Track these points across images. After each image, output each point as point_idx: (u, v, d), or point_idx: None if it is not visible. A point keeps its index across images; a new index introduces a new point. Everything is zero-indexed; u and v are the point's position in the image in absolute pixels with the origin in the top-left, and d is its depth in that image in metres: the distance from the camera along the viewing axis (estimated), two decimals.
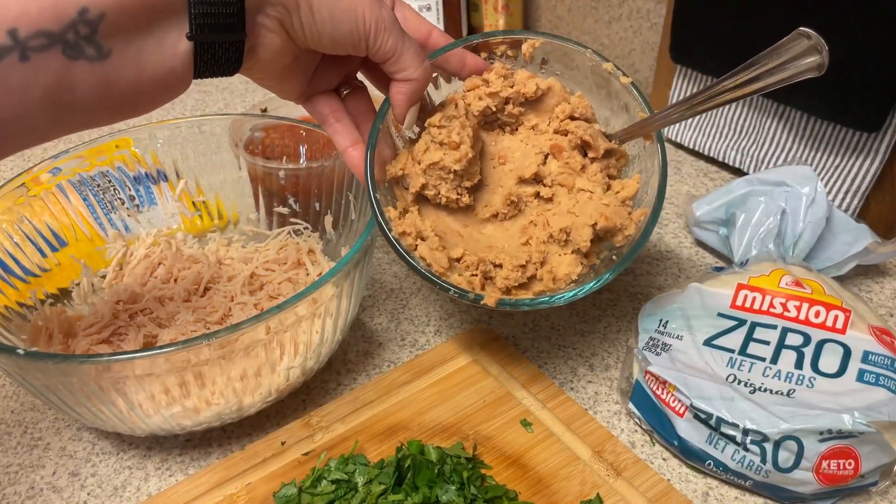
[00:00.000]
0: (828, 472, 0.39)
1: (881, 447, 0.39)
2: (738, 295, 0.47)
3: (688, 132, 0.71)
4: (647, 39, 0.81)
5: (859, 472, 0.39)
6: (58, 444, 0.46)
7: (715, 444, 0.41)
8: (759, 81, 0.37)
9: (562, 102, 0.44)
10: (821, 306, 0.45)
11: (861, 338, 0.44)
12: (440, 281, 0.40)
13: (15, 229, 0.49)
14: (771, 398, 0.41)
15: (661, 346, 0.45)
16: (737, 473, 0.41)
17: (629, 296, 0.56)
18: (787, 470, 0.39)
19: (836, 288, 0.47)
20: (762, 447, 0.39)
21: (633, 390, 0.45)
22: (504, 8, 0.89)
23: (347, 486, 0.39)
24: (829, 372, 0.42)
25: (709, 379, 0.42)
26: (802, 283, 0.47)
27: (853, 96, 0.55)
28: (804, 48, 0.35)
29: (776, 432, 0.39)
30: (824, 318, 0.45)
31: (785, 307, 0.46)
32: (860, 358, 0.42)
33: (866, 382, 0.41)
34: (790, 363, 0.43)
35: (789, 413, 0.39)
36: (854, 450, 0.39)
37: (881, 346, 0.43)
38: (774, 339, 0.44)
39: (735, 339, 0.45)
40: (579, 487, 0.41)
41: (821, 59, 0.35)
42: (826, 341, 0.44)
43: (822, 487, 0.39)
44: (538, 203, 0.44)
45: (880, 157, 0.56)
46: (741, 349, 0.44)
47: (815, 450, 0.39)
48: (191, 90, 0.90)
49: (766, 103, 0.64)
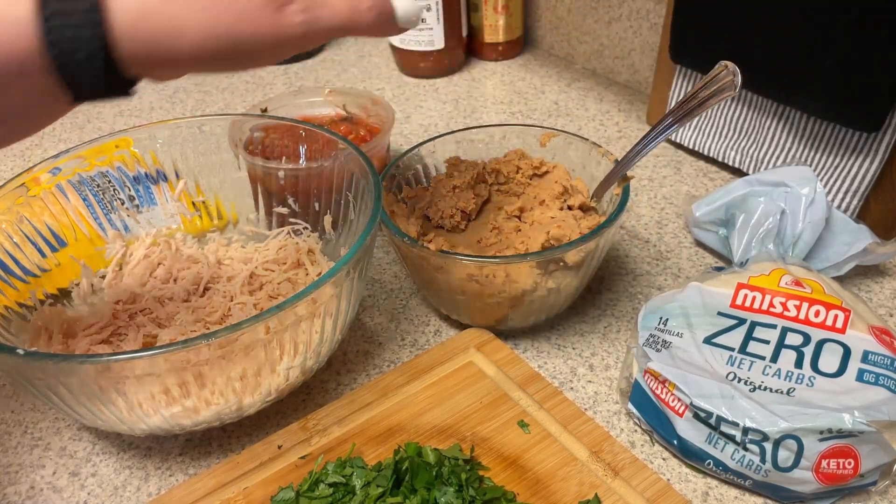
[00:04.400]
0: (827, 471, 0.39)
1: (881, 446, 0.39)
2: (737, 294, 0.47)
3: (687, 132, 0.71)
4: (647, 40, 0.81)
5: (859, 472, 0.39)
6: (58, 443, 0.47)
7: (714, 444, 0.41)
8: (694, 110, 0.45)
9: (563, 178, 0.56)
10: (821, 306, 0.45)
11: (861, 337, 0.44)
12: (392, 224, 0.49)
13: (15, 229, 0.49)
14: (771, 396, 0.41)
15: (661, 343, 0.45)
16: (736, 473, 0.41)
17: (629, 296, 0.56)
18: (786, 469, 0.39)
19: (836, 288, 0.47)
20: (762, 446, 0.39)
21: (632, 390, 0.45)
22: (504, 8, 0.89)
23: (345, 489, 0.39)
24: (829, 371, 0.42)
25: (709, 377, 0.42)
26: (802, 283, 0.47)
27: (853, 96, 0.55)
28: (728, 77, 0.43)
29: (776, 431, 0.39)
30: (824, 318, 0.45)
31: (785, 307, 0.46)
32: (860, 358, 0.42)
33: (866, 382, 0.41)
34: (790, 362, 0.43)
35: (789, 412, 0.39)
36: (854, 449, 0.39)
37: (881, 346, 0.43)
38: (774, 338, 0.44)
39: (735, 338, 0.45)
40: (577, 488, 0.41)
41: (735, 80, 0.43)
42: (826, 341, 0.44)
43: (822, 487, 0.39)
44: (516, 232, 0.54)
45: (880, 158, 0.56)
46: (741, 348, 0.44)
47: (815, 449, 0.39)
48: (191, 90, 0.91)
49: (765, 103, 0.64)
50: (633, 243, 0.62)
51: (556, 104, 0.83)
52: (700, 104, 0.45)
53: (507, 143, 0.60)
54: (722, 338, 0.45)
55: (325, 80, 0.93)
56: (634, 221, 0.64)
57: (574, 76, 0.90)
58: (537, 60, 0.94)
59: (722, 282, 0.49)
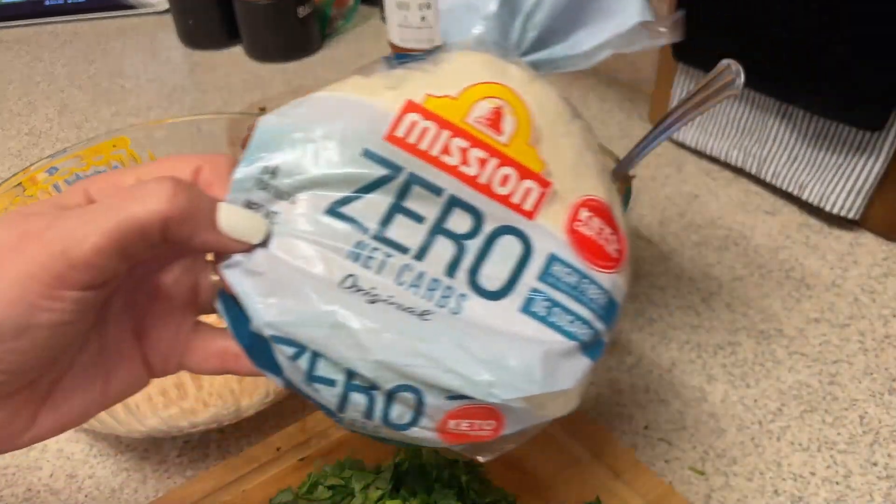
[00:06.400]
0: (457, 431, 0.28)
1: (531, 412, 0.28)
2: (402, 119, 0.27)
3: (690, 131, 0.71)
4: None
5: (501, 433, 0.29)
6: (55, 445, 0.46)
7: (309, 384, 0.27)
8: (696, 109, 0.42)
9: None
10: (512, 168, 0.28)
11: (550, 233, 0.28)
12: None
13: None
14: (395, 317, 0.26)
15: (263, 213, 0.27)
16: (337, 418, 0.28)
17: (631, 296, 0.56)
18: (401, 427, 0.28)
19: (559, 130, 0.30)
20: (370, 395, 0.27)
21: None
22: None
23: (344, 491, 0.39)
24: (490, 287, 0.27)
25: (313, 285, 0.26)
26: (502, 116, 0.28)
27: (856, 95, 0.54)
28: (730, 75, 0.39)
29: (388, 378, 0.26)
30: (512, 189, 0.28)
31: (465, 157, 0.27)
32: (540, 268, 0.28)
33: (533, 316, 0.27)
34: (442, 263, 0.27)
35: (410, 350, 0.26)
36: (496, 410, 0.27)
37: (573, 254, 0.28)
38: (433, 214, 0.27)
39: (376, 207, 0.27)
40: (579, 490, 0.41)
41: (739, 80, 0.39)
42: (503, 231, 0.28)
43: (452, 445, 0.29)
44: None
45: (884, 157, 0.56)
46: (380, 226, 0.27)
47: (442, 407, 0.27)
48: (189, 89, 0.90)
49: (768, 102, 0.63)
50: (635, 243, 0.61)
51: None
52: (702, 103, 0.44)
53: None
54: (357, 205, 0.27)
55: (324, 79, 0.92)
56: (636, 221, 0.64)
57: (575, 74, 0.89)
58: None
59: (383, 87, 0.28)
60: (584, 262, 0.29)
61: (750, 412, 0.47)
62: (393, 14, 0.88)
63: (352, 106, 0.28)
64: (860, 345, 0.51)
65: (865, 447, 0.44)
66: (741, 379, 0.49)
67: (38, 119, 0.84)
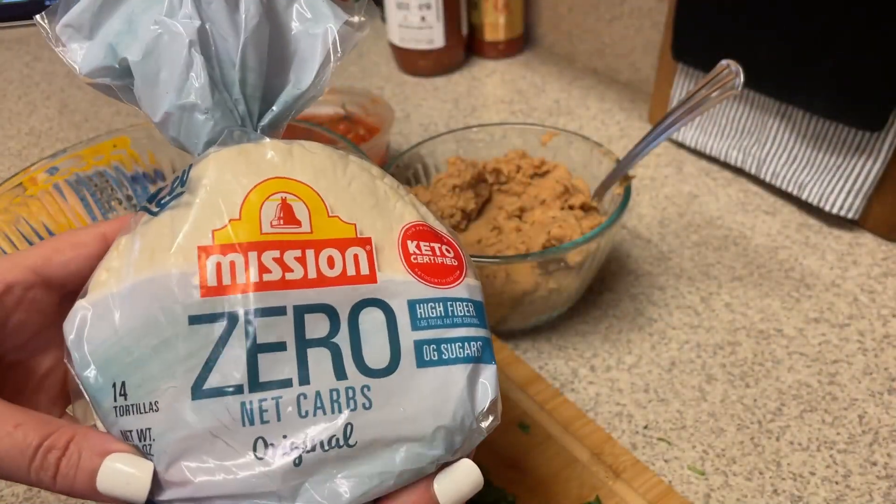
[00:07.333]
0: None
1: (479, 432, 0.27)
2: (205, 269, 0.24)
3: (689, 131, 0.71)
4: (649, 38, 0.80)
5: None
6: None
7: None
8: (695, 110, 0.44)
9: (564, 177, 0.55)
10: (330, 248, 0.26)
11: (397, 281, 0.27)
12: None
13: (12, 230, 0.49)
14: (331, 466, 0.24)
15: (139, 435, 0.24)
16: None
17: (631, 297, 0.56)
18: None
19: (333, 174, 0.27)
20: None
21: None
22: (504, 6, 0.89)
23: None
24: (382, 366, 0.26)
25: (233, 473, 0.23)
26: (291, 208, 0.26)
27: (855, 95, 0.54)
28: (730, 75, 0.42)
29: None
30: (342, 266, 0.26)
31: (283, 265, 0.25)
32: (408, 321, 0.26)
33: (430, 364, 0.26)
34: (328, 373, 0.25)
35: (355, 481, 0.24)
36: None
37: (424, 287, 0.27)
38: (290, 334, 0.25)
39: (235, 362, 0.24)
40: (578, 490, 0.41)
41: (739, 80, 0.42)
42: (358, 308, 0.26)
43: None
44: (516, 232, 0.53)
45: (883, 157, 0.56)
46: (251, 379, 0.24)
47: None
48: None
49: (767, 102, 0.63)
50: (635, 243, 0.61)
51: (557, 103, 0.83)
52: (702, 103, 0.44)
53: (508, 143, 0.59)
54: (215, 375, 0.24)
55: None
56: (636, 221, 0.64)
57: (575, 75, 0.89)
58: (538, 59, 0.94)
59: (166, 243, 0.25)
60: (437, 287, 0.28)
61: (749, 412, 0.47)
62: (393, 14, 0.88)
63: (149, 287, 0.24)
64: (859, 345, 0.51)
65: (865, 447, 0.44)
66: (740, 378, 0.49)
67: (38, 119, 0.85)
